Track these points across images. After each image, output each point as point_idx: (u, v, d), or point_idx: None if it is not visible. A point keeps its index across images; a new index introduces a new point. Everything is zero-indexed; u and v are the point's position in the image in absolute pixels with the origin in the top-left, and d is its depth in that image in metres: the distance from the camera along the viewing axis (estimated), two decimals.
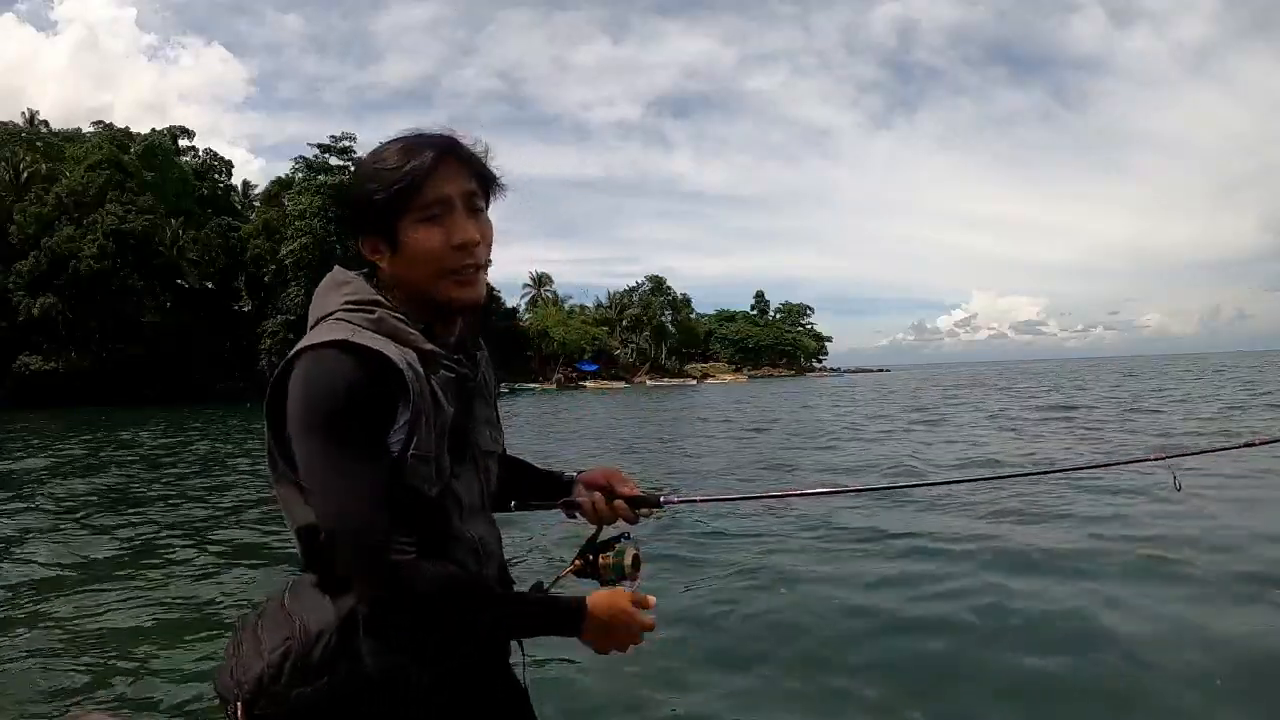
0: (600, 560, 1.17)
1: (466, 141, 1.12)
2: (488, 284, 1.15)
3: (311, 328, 1.07)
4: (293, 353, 1.01)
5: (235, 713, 1.02)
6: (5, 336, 41.13)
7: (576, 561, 1.19)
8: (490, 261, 1.13)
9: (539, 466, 1.39)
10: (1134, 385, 30.73)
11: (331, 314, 1.05)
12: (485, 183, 1.13)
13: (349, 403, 0.97)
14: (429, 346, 1.05)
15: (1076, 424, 15.12)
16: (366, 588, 0.99)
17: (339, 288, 1.09)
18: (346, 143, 54.26)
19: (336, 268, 1.15)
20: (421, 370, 1.02)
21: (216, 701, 1.07)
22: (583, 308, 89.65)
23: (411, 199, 1.06)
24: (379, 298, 1.07)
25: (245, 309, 52.23)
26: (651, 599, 1.11)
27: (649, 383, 76.13)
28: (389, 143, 1.10)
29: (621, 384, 72.82)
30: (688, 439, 16.03)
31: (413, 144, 1.08)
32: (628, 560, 1.16)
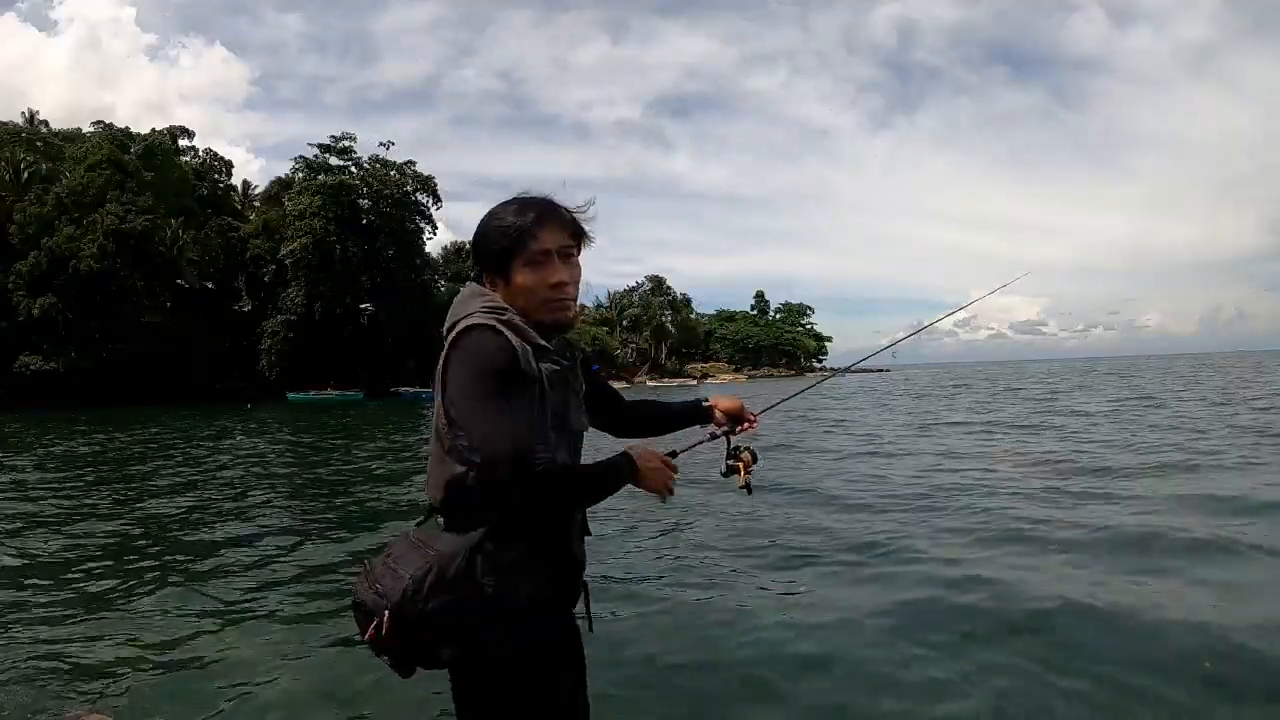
0: (742, 458, 1.78)
1: (566, 203, 1.51)
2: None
3: (453, 324, 1.40)
4: (459, 331, 1.36)
5: (383, 620, 1.34)
6: (5, 336, 41.10)
7: (734, 464, 1.79)
8: (578, 293, 1.53)
9: (669, 402, 1.88)
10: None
11: (473, 313, 1.39)
12: (579, 236, 1.52)
13: (501, 363, 1.32)
14: (541, 342, 1.41)
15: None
16: (519, 490, 1.31)
17: (478, 296, 1.45)
18: (346, 143, 54.32)
19: (471, 283, 1.51)
20: (534, 361, 1.37)
21: (354, 608, 1.42)
22: (583, 307, 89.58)
23: (521, 250, 1.44)
24: (506, 306, 1.43)
25: (245, 309, 52.20)
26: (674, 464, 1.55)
27: (649, 383, 76.11)
28: (506, 203, 1.49)
29: (622, 384, 72.86)
30: None
31: (523, 205, 1.47)
32: (750, 458, 1.79)
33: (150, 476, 11.16)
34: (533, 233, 1.44)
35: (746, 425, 1.87)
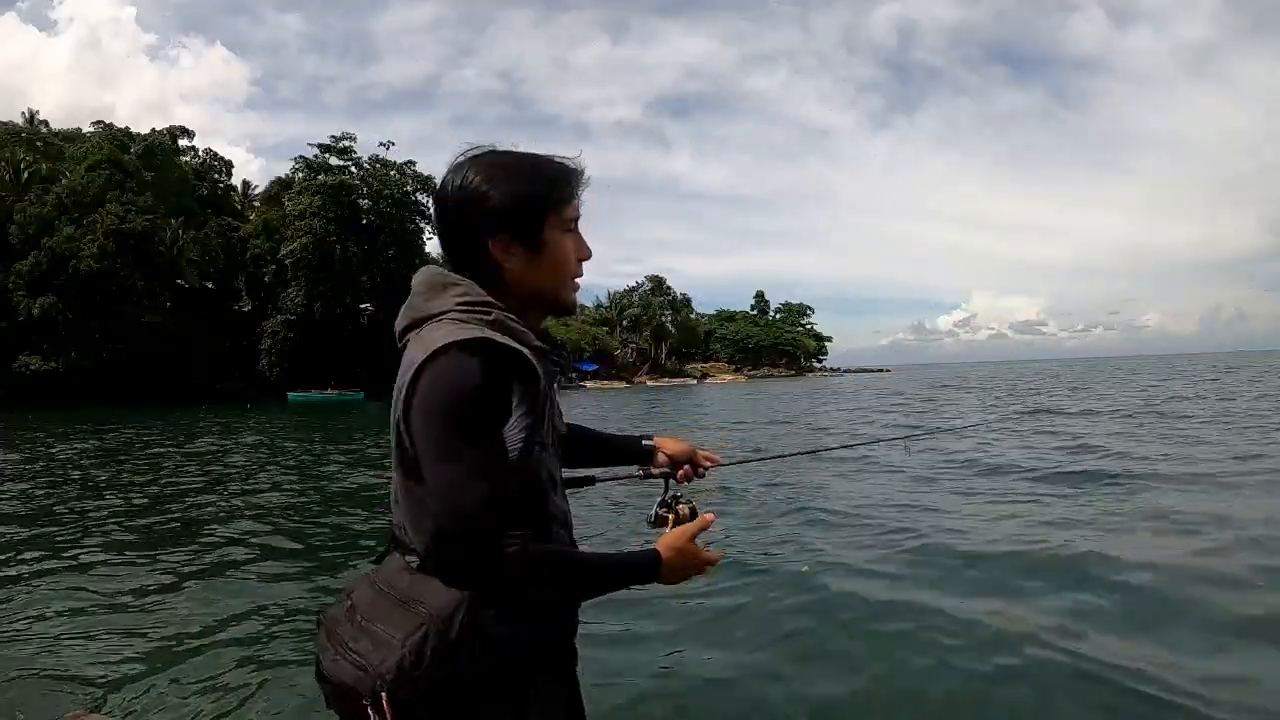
0: (678, 511, 1.41)
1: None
2: None
3: (414, 324, 1.16)
4: (428, 353, 1.06)
5: (381, 703, 1.05)
6: (5, 336, 41.08)
7: (664, 513, 1.42)
8: None
9: (610, 433, 1.60)
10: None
11: (445, 313, 1.12)
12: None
13: (475, 402, 1.04)
14: (540, 345, 1.14)
15: None
16: (476, 580, 1.05)
17: (448, 288, 1.15)
18: (346, 143, 54.24)
19: (432, 267, 1.22)
20: (537, 364, 1.11)
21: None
22: (583, 308, 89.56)
23: (562, 206, 1.17)
24: (491, 300, 1.14)
25: (245, 309, 52.18)
26: (710, 516, 1.29)
27: (649, 383, 76.09)
28: (534, 154, 1.20)
29: (622, 384, 72.78)
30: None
31: (563, 162, 1.19)
32: (688, 512, 1.41)
33: (146, 477, 11.15)
34: (574, 191, 1.19)
35: (690, 470, 1.58)
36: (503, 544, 1.04)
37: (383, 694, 1.05)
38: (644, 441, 1.59)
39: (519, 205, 1.14)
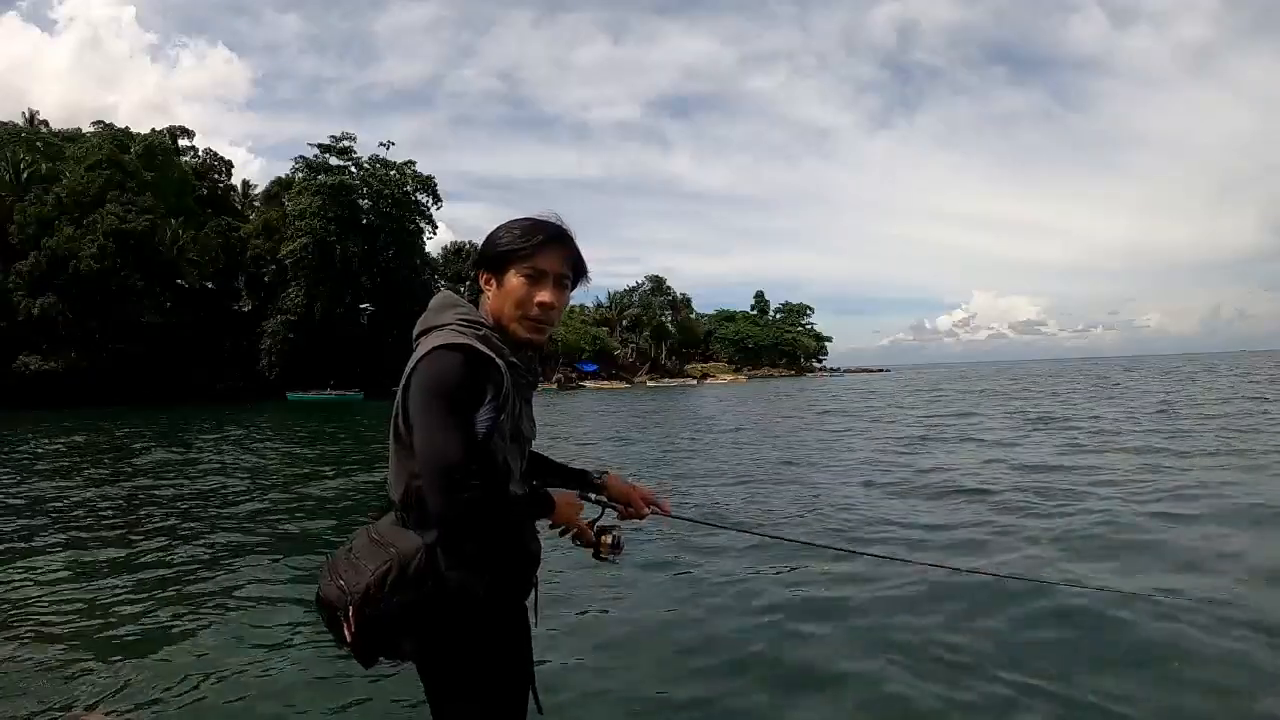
0: (601, 540, 1.67)
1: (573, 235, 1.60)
2: None
3: (425, 331, 1.51)
4: (426, 350, 1.43)
5: (348, 614, 1.42)
6: (5, 336, 41.03)
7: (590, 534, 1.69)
8: (559, 323, 1.62)
9: (562, 462, 1.85)
10: None
11: (448, 325, 1.48)
12: (577, 271, 1.60)
13: (456, 386, 1.40)
14: (513, 359, 1.51)
15: None
16: (445, 508, 1.37)
17: (453, 307, 1.54)
18: (346, 143, 54.20)
19: (446, 291, 1.62)
20: (506, 375, 1.45)
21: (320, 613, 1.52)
22: (583, 308, 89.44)
23: (523, 259, 1.52)
24: (481, 319, 1.52)
25: (245, 309, 52.14)
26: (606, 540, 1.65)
27: (649, 383, 76.02)
28: (522, 218, 1.58)
29: (622, 384, 72.72)
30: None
31: (537, 224, 1.56)
32: (609, 541, 1.67)
33: (146, 477, 11.16)
34: (538, 249, 1.52)
35: (624, 509, 1.80)
36: (470, 484, 1.37)
37: (349, 608, 1.42)
38: (595, 475, 1.84)
39: (491, 251, 1.55)
